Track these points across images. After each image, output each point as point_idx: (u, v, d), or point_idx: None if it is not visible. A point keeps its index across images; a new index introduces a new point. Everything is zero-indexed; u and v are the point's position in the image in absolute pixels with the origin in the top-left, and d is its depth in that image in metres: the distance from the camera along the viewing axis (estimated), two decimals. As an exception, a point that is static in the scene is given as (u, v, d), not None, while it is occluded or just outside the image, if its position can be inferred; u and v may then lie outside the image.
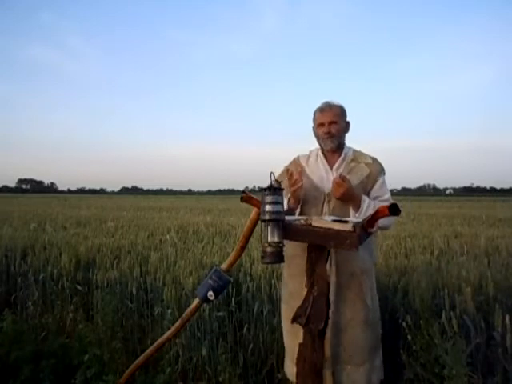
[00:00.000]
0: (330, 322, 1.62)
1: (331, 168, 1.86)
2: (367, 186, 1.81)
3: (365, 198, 1.73)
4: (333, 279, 1.70)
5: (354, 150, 1.91)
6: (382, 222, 1.69)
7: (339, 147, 1.87)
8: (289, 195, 1.80)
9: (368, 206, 1.71)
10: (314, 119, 1.89)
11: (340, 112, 1.85)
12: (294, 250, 1.75)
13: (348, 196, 1.70)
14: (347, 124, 1.89)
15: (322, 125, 1.84)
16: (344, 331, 1.72)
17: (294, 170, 1.88)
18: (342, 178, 1.69)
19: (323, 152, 1.90)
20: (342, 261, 1.73)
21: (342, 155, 1.86)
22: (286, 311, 1.86)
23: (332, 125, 1.82)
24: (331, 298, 1.66)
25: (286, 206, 1.79)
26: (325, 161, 1.88)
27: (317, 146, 1.95)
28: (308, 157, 1.95)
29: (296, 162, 1.97)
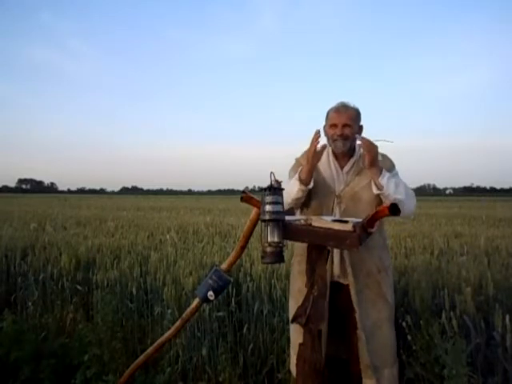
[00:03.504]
0: (358, 326, 1.63)
1: (341, 169, 1.82)
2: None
3: (385, 171, 1.68)
4: (351, 280, 1.68)
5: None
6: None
7: (349, 150, 1.81)
8: (300, 168, 1.75)
9: (390, 177, 1.66)
10: (327, 119, 1.83)
11: (355, 115, 1.80)
12: (305, 248, 1.68)
13: (376, 159, 1.65)
14: (360, 128, 1.84)
15: (334, 126, 1.77)
16: (372, 334, 1.70)
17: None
18: (371, 142, 1.65)
19: (333, 152, 1.85)
20: (358, 261, 1.71)
21: (354, 157, 1.82)
22: (295, 307, 1.86)
23: (346, 127, 1.75)
24: (353, 299, 1.67)
25: (297, 181, 1.73)
26: (336, 161, 1.84)
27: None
28: (320, 153, 1.85)
29: None
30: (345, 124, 1.76)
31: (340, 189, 1.78)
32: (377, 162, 1.67)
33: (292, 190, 1.73)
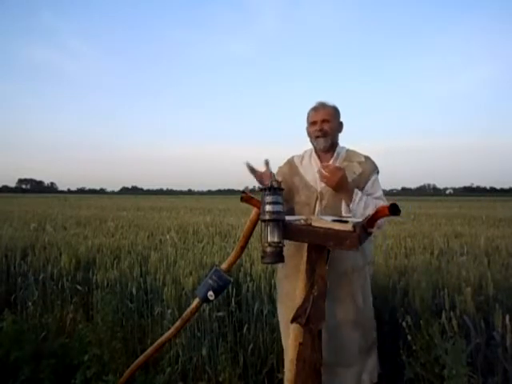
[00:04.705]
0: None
1: None
2: (359, 184, 1.79)
3: (357, 191, 1.71)
4: None
5: (348, 150, 1.90)
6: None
7: (332, 147, 1.85)
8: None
9: (360, 200, 1.68)
10: (308, 118, 1.89)
11: (333, 112, 1.85)
12: (287, 251, 1.65)
13: (342, 184, 1.66)
14: (340, 124, 1.88)
15: (314, 123, 1.83)
16: (334, 332, 1.71)
17: (288, 171, 1.91)
18: (336, 167, 1.67)
19: (316, 152, 1.89)
20: (333, 259, 1.69)
21: (335, 155, 1.85)
22: (282, 311, 1.87)
23: (325, 123, 1.81)
24: None
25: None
26: (318, 160, 1.87)
27: (311, 146, 1.94)
28: (302, 157, 1.94)
29: (290, 162, 1.96)
30: (323, 120, 1.81)
31: (322, 186, 1.79)
32: (344, 187, 1.67)
33: None
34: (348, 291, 1.75)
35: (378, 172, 1.87)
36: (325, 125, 1.81)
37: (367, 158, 1.86)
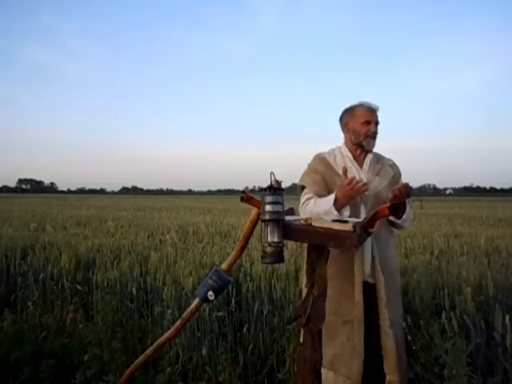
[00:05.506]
0: (387, 324, 1.67)
1: (360, 168, 1.84)
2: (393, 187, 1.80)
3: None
4: (380, 278, 1.70)
5: (373, 152, 1.89)
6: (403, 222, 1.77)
7: None
8: (333, 195, 1.67)
9: (410, 208, 1.75)
10: (356, 115, 1.81)
11: None
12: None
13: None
14: None
15: (368, 123, 1.78)
16: (392, 333, 1.73)
17: (324, 169, 1.83)
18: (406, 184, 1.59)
19: (350, 151, 1.86)
20: (385, 260, 1.74)
21: (369, 156, 1.85)
22: None
23: (377, 125, 1.82)
24: (382, 297, 1.69)
25: (331, 206, 1.66)
26: (354, 161, 1.84)
27: (338, 144, 1.92)
28: (333, 155, 1.87)
29: (323, 160, 1.86)
30: (377, 122, 1.82)
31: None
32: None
33: (326, 214, 1.68)
34: (396, 290, 1.80)
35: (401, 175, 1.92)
36: (377, 128, 1.82)
37: (393, 161, 1.91)
